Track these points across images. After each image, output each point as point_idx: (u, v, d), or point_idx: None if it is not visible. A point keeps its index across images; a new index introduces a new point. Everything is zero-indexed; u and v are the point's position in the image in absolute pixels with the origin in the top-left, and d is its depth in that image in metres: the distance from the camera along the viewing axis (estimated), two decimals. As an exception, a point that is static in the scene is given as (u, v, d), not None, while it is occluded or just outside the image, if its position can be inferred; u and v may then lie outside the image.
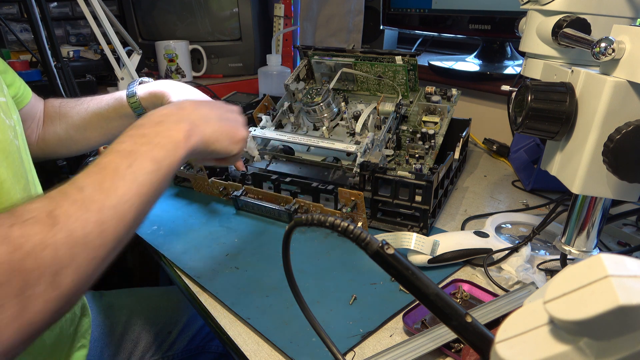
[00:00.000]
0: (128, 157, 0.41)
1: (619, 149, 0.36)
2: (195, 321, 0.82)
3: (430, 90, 0.82)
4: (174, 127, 0.46)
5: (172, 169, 0.45)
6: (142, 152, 0.42)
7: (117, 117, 0.73)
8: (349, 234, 0.29)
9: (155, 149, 0.43)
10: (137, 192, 0.40)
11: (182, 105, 0.50)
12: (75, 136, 0.74)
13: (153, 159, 0.43)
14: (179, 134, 0.46)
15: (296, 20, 1.36)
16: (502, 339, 0.23)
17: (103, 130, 0.74)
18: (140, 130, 0.45)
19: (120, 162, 0.41)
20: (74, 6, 1.44)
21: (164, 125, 0.46)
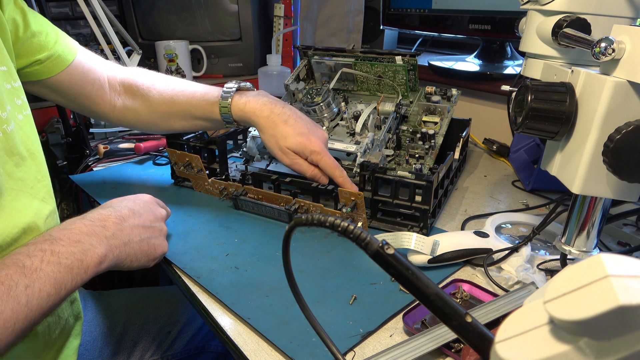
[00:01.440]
0: (29, 276, 0.38)
1: (619, 149, 0.36)
2: (194, 321, 0.82)
3: (430, 90, 0.82)
4: (90, 251, 0.44)
5: (72, 291, 0.43)
6: (46, 272, 0.40)
7: (205, 118, 0.72)
8: (349, 234, 0.29)
9: (61, 272, 0.41)
10: (24, 317, 0.37)
11: (105, 223, 0.49)
12: (156, 121, 0.75)
13: (55, 283, 0.40)
14: (92, 259, 0.44)
15: (296, 20, 1.36)
16: (502, 338, 0.23)
17: (188, 123, 0.74)
18: (53, 246, 0.42)
19: (19, 280, 0.38)
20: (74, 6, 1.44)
21: (80, 245, 0.44)
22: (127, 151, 0.96)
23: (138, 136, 1.03)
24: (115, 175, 0.87)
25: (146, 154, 0.95)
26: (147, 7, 1.35)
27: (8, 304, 0.36)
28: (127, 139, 1.01)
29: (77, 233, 0.45)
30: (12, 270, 0.38)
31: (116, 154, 0.95)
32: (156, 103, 0.73)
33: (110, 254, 0.47)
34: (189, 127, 0.76)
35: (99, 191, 0.80)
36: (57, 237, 0.44)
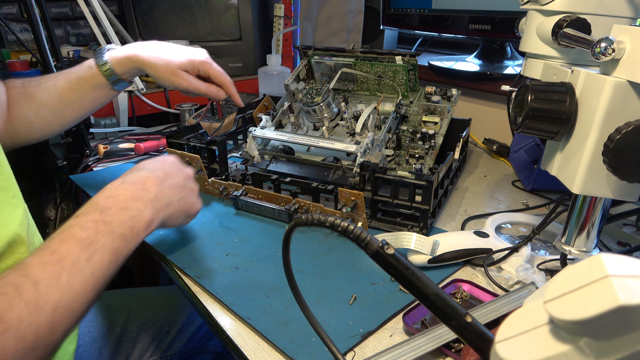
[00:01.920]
0: (88, 249, 0.40)
1: (619, 149, 0.36)
2: (193, 320, 0.82)
3: (430, 90, 0.82)
4: (138, 217, 0.46)
5: (127, 256, 0.45)
6: (102, 243, 0.41)
7: (91, 89, 0.70)
8: (349, 234, 0.29)
9: (116, 241, 0.43)
10: (92, 287, 0.39)
11: (146, 186, 0.49)
12: (47, 117, 0.70)
13: (112, 252, 0.42)
14: (141, 225, 0.46)
15: (296, 20, 1.36)
16: (502, 338, 0.23)
17: (77, 106, 0.72)
18: (104, 216, 0.44)
19: (80, 254, 0.39)
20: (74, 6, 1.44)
21: (128, 212, 0.45)
22: (127, 151, 0.96)
23: (138, 136, 1.03)
24: (115, 175, 0.86)
25: (146, 154, 0.95)
26: (147, 7, 1.35)
27: (77, 278, 0.38)
28: (127, 139, 1.01)
29: (122, 200, 0.46)
30: (71, 245, 0.40)
31: (116, 154, 0.95)
32: (38, 96, 0.69)
33: (155, 216, 0.49)
34: (80, 109, 0.72)
35: (99, 191, 0.80)
36: (105, 207, 0.45)
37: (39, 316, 0.34)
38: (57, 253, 0.39)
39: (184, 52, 0.74)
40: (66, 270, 0.38)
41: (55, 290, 0.36)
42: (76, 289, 0.38)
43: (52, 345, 0.36)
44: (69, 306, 0.37)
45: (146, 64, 0.72)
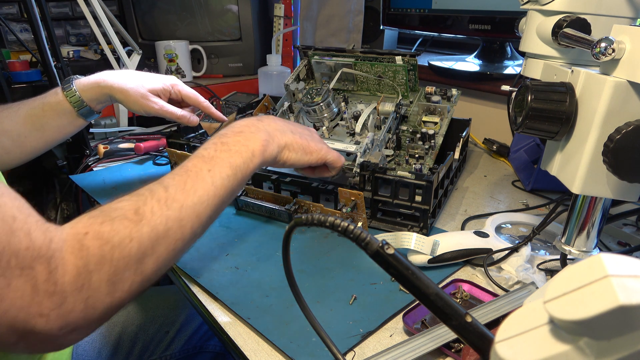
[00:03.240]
0: (209, 162, 0.46)
1: (619, 149, 0.36)
2: (192, 320, 0.82)
3: (430, 90, 0.82)
4: (252, 137, 0.51)
5: (247, 175, 0.49)
6: (221, 158, 0.47)
7: (55, 115, 0.69)
8: (349, 234, 0.29)
9: (234, 157, 0.48)
10: (214, 194, 0.45)
11: (260, 118, 0.56)
12: (6, 145, 0.67)
13: (231, 165, 0.47)
14: (256, 144, 0.50)
15: (296, 20, 1.36)
16: (502, 338, 0.23)
17: (39, 134, 0.69)
18: (222, 139, 0.50)
19: (202, 166, 0.46)
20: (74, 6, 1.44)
21: (243, 135, 0.51)
22: (127, 151, 0.96)
23: (138, 136, 1.03)
24: (115, 175, 0.87)
25: (146, 154, 0.95)
26: (147, 7, 1.35)
27: (199, 185, 0.44)
28: (127, 139, 1.01)
29: (238, 127, 0.52)
30: (195, 160, 0.47)
31: (116, 154, 0.95)
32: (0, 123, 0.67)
33: (269, 138, 0.52)
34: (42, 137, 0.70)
35: (99, 191, 0.80)
36: (224, 133, 0.51)
37: (167, 211, 0.41)
38: (184, 167, 0.46)
39: (153, 76, 0.75)
40: (191, 178, 0.44)
41: (181, 193, 0.43)
42: (199, 194, 0.44)
43: (182, 239, 0.42)
44: (193, 207, 0.43)
45: (115, 89, 0.71)
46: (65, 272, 0.35)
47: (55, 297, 0.34)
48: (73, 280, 0.35)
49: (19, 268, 0.33)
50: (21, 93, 1.06)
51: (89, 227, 0.37)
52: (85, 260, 0.36)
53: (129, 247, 0.38)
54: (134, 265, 0.38)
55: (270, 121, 0.55)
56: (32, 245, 0.34)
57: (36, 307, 0.33)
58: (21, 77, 1.07)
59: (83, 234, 0.37)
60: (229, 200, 0.48)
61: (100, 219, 0.38)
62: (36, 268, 0.33)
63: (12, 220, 0.34)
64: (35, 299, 0.33)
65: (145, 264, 0.39)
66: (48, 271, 0.34)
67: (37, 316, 0.33)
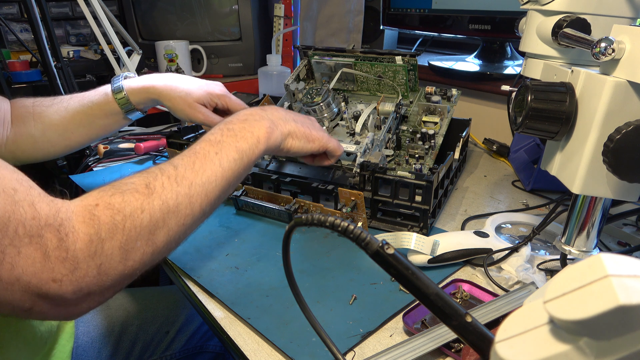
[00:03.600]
0: (216, 146, 0.48)
1: (619, 149, 0.36)
2: (193, 320, 0.82)
3: (430, 90, 0.82)
4: (257, 125, 0.52)
5: (252, 159, 0.51)
6: (228, 142, 0.49)
7: (103, 115, 0.71)
8: (349, 234, 0.29)
9: (240, 141, 0.50)
10: (221, 176, 0.47)
11: (264, 108, 0.57)
12: (53, 138, 0.71)
13: (237, 149, 0.49)
14: (260, 130, 0.52)
15: (296, 20, 1.36)
16: (502, 338, 0.23)
17: (86, 130, 0.72)
18: (228, 125, 0.51)
19: (210, 149, 0.48)
20: (74, 6, 1.44)
21: (248, 122, 0.52)
22: (127, 151, 0.96)
23: (138, 136, 1.03)
24: (115, 175, 0.87)
25: (146, 154, 0.95)
26: (147, 7, 1.35)
27: (207, 165, 0.46)
28: (127, 139, 1.01)
29: (242, 114, 0.54)
30: (203, 144, 0.48)
31: (116, 154, 0.95)
32: (48, 116, 0.70)
33: (273, 126, 0.54)
34: (87, 133, 0.73)
35: (99, 191, 0.80)
36: (229, 120, 0.53)
37: (177, 187, 0.42)
38: (193, 149, 0.47)
39: (201, 84, 0.75)
40: (199, 160, 0.46)
41: (190, 172, 0.44)
42: (208, 174, 0.45)
43: (191, 215, 0.44)
44: (202, 185, 0.45)
45: (163, 96, 0.72)
46: (76, 239, 0.35)
47: (68, 262, 0.35)
48: (85, 247, 0.36)
49: (27, 236, 0.33)
50: (21, 93, 1.06)
51: (99, 199, 0.39)
52: (96, 228, 0.36)
53: (140, 217, 0.39)
54: (146, 236, 0.39)
55: (274, 110, 0.57)
56: (38, 215, 0.34)
57: (48, 273, 0.34)
58: (21, 77, 1.07)
59: (93, 205, 0.38)
60: (236, 184, 0.50)
61: (110, 192, 0.39)
62: (45, 236, 0.34)
63: (13, 192, 0.34)
64: (47, 265, 0.34)
65: (156, 235, 0.40)
66: (58, 239, 0.35)
67: (50, 281, 0.34)
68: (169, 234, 0.41)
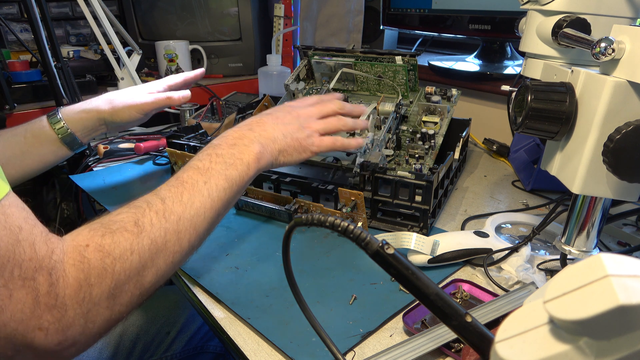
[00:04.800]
0: (205, 174, 0.47)
1: (619, 149, 0.36)
2: (193, 321, 0.82)
3: (430, 90, 0.82)
4: (246, 150, 0.51)
5: (242, 187, 0.50)
6: (217, 170, 0.47)
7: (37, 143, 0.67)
8: (349, 234, 0.29)
9: (229, 169, 0.48)
10: (210, 207, 0.45)
11: (251, 126, 0.55)
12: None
13: (226, 178, 0.48)
14: (250, 156, 0.51)
15: (296, 20, 1.36)
16: (502, 338, 0.23)
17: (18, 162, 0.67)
18: (216, 150, 0.50)
19: (198, 178, 0.46)
20: (74, 6, 1.44)
21: (237, 147, 0.51)
22: (127, 151, 0.96)
23: (138, 136, 1.03)
24: (115, 175, 0.87)
25: (146, 154, 0.95)
26: (147, 7, 1.35)
27: (196, 197, 0.45)
28: (127, 139, 1.01)
29: (231, 138, 0.52)
30: (191, 172, 0.47)
31: (116, 154, 0.95)
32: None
33: (264, 150, 0.53)
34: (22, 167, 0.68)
35: (99, 191, 0.80)
36: (217, 144, 0.51)
37: (166, 223, 0.41)
38: (180, 178, 0.46)
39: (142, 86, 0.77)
40: (187, 190, 0.45)
41: (178, 205, 0.43)
42: (196, 206, 0.44)
43: (179, 252, 0.43)
44: (190, 219, 0.43)
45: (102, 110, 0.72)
46: (66, 285, 0.34)
47: (56, 310, 0.34)
48: (74, 294, 0.35)
49: (21, 279, 0.33)
50: (21, 93, 1.06)
51: (90, 239, 0.37)
52: (86, 273, 0.35)
53: (130, 259, 0.38)
54: (135, 278, 0.38)
55: (262, 130, 0.55)
56: (35, 256, 0.34)
57: (36, 321, 0.33)
58: (21, 77, 1.07)
59: (84, 246, 0.37)
60: (225, 212, 0.49)
61: (100, 231, 0.38)
62: (38, 279, 0.33)
63: (18, 230, 0.34)
64: (35, 312, 0.33)
65: (144, 276, 0.39)
66: (49, 283, 0.34)
67: (37, 329, 0.33)
68: (157, 273, 0.41)
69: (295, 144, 0.57)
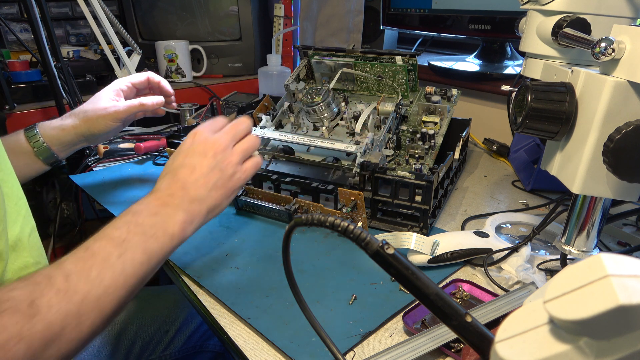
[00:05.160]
0: (120, 246, 0.41)
1: (619, 149, 0.36)
2: (192, 320, 0.82)
3: (430, 90, 0.82)
4: (170, 220, 0.45)
5: (163, 259, 0.45)
6: (135, 242, 0.42)
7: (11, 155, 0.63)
8: (349, 233, 0.29)
9: (149, 241, 0.43)
10: (122, 284, 0.40)
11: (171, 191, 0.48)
12: None
13: (145, 251, 0.42)
14: (175, 227, 0.45)
15: (296, 20, 1.36)
16: (502, 338, 0.23)
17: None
18: (136, 218, 0.44)
19: (112, 251, 0.40)
20: (74, 6, 1.44)
21: (160, 217, 0.45)
22: (127, 151, 0.96)
23: (138, 136, 1.03)
24: (115, 175, 0.87)
25: (146, 154, 0.95)
26: (147, 7, 1.35)
27: (107, 273, 0.39)
28: (127, 138, 1.01)
29: (153, 206, 0.46)
30: (104, 242, 0.41)
31: (116, 154, 0.95)
32: None
33: (189, 217, 0.47)
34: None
35: (99, 191, 0.80)
36: (138, 210, 0.45)
37: (67, 305, 0.36)
38: (90, 249, 0.40)
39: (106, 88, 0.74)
40: (97, 265, 0.39)
41: (85, 282, 0.37)
42: (105, 284, 0.39)
43: (77, 339, 0.37)
44: (97, 300, 0.38)
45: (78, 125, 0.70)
46: None
47: None
48: None
49: None
50: (21, 93, 1.06)
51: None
52: None
53: (14, 349, 0.32)
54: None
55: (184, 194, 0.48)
56: None
57: None
58: (21, 77, 1.07)
59: None
60: (139, 288, 0.43)
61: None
62: None
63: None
64: None
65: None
66: None
67: None
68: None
69: (222, 191, 0.51)
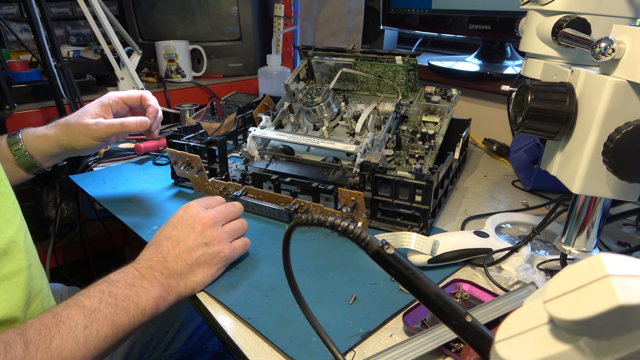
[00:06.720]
0: (88, 317, 0.40)
1: (619, 149, 0.36)
2: (192, 320, 0.82)
3: (430, 90, 0.82)
4: (144, 294, 0.45)
5: (131, 333, 0.44)
6: (104, 313, 0.41)
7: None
8: (349, 233, 0.29)
9: (119, 314, 0.42)
10: (82, 357, 0.39)
11: (151, 263, 0.48)
12: None
13: (113, 325, 0.41)
14: (148, 302, 0.45)
15: (296, 20, 1.36)
16: (502, 338, 0.23)
17: None
18: (111, 288, 0.43)
19: (79, 320, 0.39)
20: (74, 6, 1.44)
21: (135, 289, 0.44)
22: (127, 151, 0.96)
23: (138, 136, 1.03)
24: (115, 175, 0.87)
25: (146, 154, 0.95)
26: (147, 7, 1.35)
27: (68, 344, 0.38)
28: (127, 139, 1.01)
29: (131, 277, 0.46)
30: (73, 311, 0.40)
31: (116, 154, 0.95)
32: None
33: (165, 293, 0.47)
34: None
35: (99, 191, 0.80)
36: (115, 280, 0.45)
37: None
38: (58, 317, 0.39)
39: (91, 103, 0.72)
40: (60, 334, 0.38)
41: (43, 353, 0.36)
42: (64, 356, 0.37)
43: None
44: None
45: (60, 138, 0.68)
46: None
47: None
48: None
49: None
50: (21, 93, 1.06)
51: None
52: None
53: None
54: None
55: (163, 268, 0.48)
56: None
57: None
58: (21, 77, 1.07)
59: None
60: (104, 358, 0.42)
61: None
62: None
63: None
64: None
65: None
66: None
67: None
68: None
69: (204, 267, 0.52)
